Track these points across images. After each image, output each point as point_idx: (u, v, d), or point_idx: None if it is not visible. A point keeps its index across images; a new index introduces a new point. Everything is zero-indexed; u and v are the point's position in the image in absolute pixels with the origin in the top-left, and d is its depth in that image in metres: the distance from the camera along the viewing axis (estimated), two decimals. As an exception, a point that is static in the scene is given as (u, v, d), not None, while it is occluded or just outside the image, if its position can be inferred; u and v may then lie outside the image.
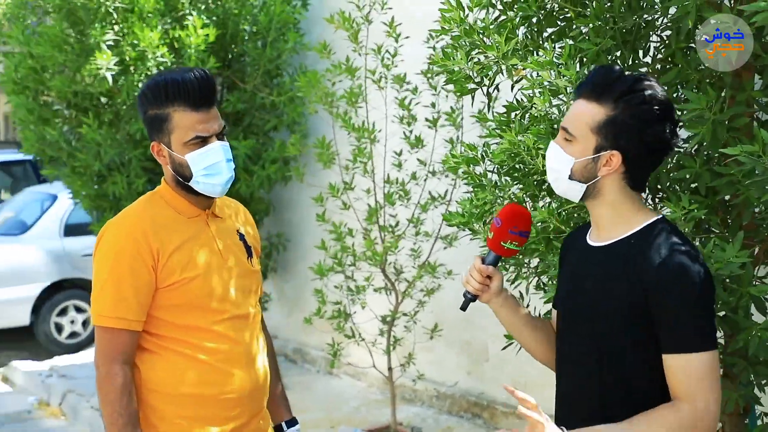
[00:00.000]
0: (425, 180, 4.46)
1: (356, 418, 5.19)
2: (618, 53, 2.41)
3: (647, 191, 2.48)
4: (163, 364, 2.13)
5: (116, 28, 5.22)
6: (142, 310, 2.09)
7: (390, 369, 4.48)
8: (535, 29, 2.57)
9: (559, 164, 1.85)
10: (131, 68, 5.16)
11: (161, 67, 5.04)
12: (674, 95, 2.30)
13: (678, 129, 1.86)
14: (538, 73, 2.30)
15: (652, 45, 2.49)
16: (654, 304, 1.73)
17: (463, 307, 2.08)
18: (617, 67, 1.85)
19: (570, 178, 1.84)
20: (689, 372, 1.70)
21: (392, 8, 4.36)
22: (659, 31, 2.45)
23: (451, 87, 2.71)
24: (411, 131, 4.43)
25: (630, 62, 2.42)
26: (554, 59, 2.26)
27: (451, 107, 4.20)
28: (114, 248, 2.10)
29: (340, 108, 4.49)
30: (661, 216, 1.86)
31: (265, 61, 5.60)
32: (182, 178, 2.15)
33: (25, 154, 6.03)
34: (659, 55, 2.47)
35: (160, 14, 5.25)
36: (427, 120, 4.31)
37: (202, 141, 2.11)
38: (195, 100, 2.09)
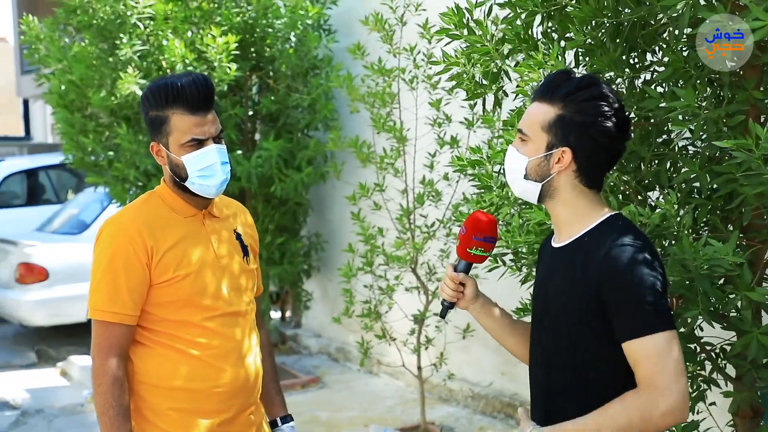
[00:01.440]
0: (457, 181, 4.48)
1: (390, 416, 5.23)
2: (614, 48, 2.39)
3: (653, 190, 2.48)
4: (156, 358, 2.22)
5: (143, 38, 5.36)
6: (136, 305, 2.18)
7: (419, 368, 4.51)
8: (540, 27, 2.58)
9: (515, 164, 1.90)
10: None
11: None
12: (672, 93, 2.28)
13: (629, 127, 1.87)
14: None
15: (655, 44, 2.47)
16: (605, 295, 1.74)
17: (442, 315, 2.12)
18: (571, 71, 1.90)
19: (525, 177, 1.88)
20: (645, 355, 1.70)
21: (426, 9, 4.40)
22: (659, 29, 2.43)
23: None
24: (444, 133, 4.46)
25: (629, 59, 2.41)
26: (543, 60, 2.26)
27: (486, 111, 4.19)
28: (110, 245, 2.19)
29: (379, 109, 4.55)
30: (616, 212, 1.88)
31: (294, 60, 5.67)
32: (179, 179, 2.24)
33: (68, 165, 6.27)
34: (661, 53, 2.45)
35: (184, 24, 5.36)
36: (465, 120, 4.32)
37: (198, 143, 2.18)
38: (192, 104, 2.16)
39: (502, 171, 2.70)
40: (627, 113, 1.87)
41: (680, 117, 2.10)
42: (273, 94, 5.80)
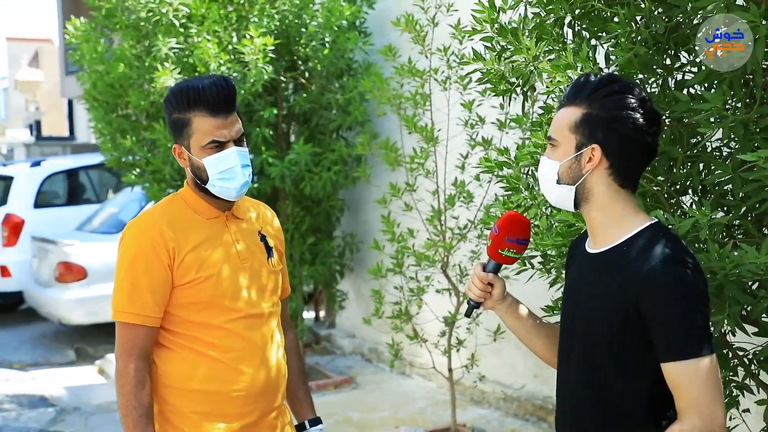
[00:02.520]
0: (489, 182, 4.45)
1: (421, 418, 5.22)
2: (652, 58, 2.37)
3: (686, 195, 2.43)
4: (177, 360, 2.23)
5: (180, 38, 5.40)
6: (159, 307, 2.19)
7: (450, 370, 4.49)
8: (570, 29, 2.55)
9: (547, 172, 1.89)
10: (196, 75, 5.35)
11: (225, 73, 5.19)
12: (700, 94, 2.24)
13: (658, 119, 1.84)
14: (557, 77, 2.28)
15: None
16: (645, 312, 1.71)
17: (468, 314, 2.12)
18: (591, 74, 1.88)
19: (558, 182, 1.86)
20: (690, 379, 1.68)
21: (458, 10, 4.37)
22: (693, 29, 2.39)
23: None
24: (476, 134, 4.43)
25: (661, 60, 2.37)
26: (573, 62, 2.24)
27: (516, 114, 4.15)
28: (132, 247, 2.20)
29: (407, 110, 4.54)
30: (655, 220, 1.84)
31: (328, 61, 5.68)
32: (200, 181, 2.24)
33: (106, 164, 6.34)
34: (692, 56, 2.40)
35: (222, 27, 5.39)
36: (498, 120, 4.29)
37: (219, 146, 2.19)
38: (214, 106, 2.17)
39: (530, 172, 2.69)
40: (654, 106, 1.84)
41: (710, 119, 2.07)
42: (306, 93, 5.82)
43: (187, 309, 2.21)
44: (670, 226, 2.08)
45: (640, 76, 2.39)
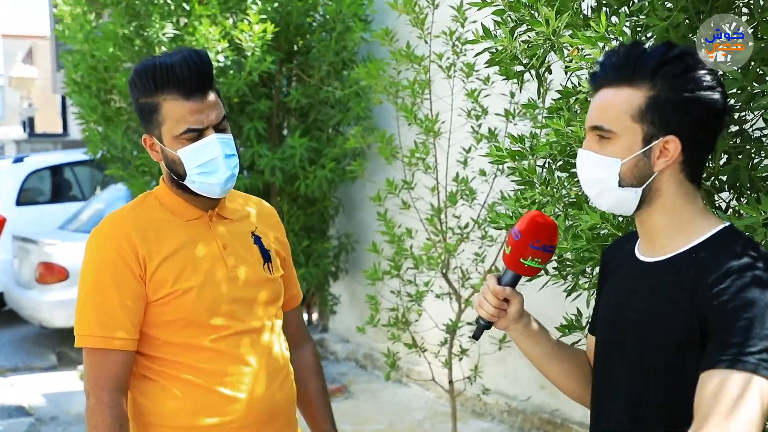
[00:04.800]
0: (494, 177, 4.10)
1: (419, 431, 4.88)
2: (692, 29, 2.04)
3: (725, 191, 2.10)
4: (159, 391, 1.89)
5: (175, 21, 5.07)
6: (134, 327, 1.84)
7: (451, 383, 4.14)
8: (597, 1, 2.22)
9: (601, 172, 1.52)
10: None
11: (221, 64, 4.86)
12: (758, 72, 1.91)
13: (728, 98, 1.53)
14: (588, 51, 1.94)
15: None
16: (714, 322, 1.39)
17: (476, 336, 1.75)
18: (642, 43, 1.54)
19: (620, 185, 1.50)
20: (719, 391, 1.33)
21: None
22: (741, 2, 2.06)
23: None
24: (480, 125, 4.09)
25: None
26: (607, 33, 1.90)
27: (529, 99, 3.83)
28: (97, 258, 1.86)
29: (405, 99, 4.19)
30: (728, 224, 1.52)
31: (331, 53, 5.35)
32: (177, 177, 1.90)
33: (89, 155, 5.95)
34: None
35: (219, 9, 5.06)
36: (505, 110, 3.94)
37: (197, 134, 1.85)
38: (186, 86, 1.82)
39: (546, 165, 2.36)
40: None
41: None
42: (304, 87, 5.48)
43: (165, 329, 1.86)
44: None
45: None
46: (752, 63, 1.90)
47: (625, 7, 2.05)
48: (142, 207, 1.94)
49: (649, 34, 2.05)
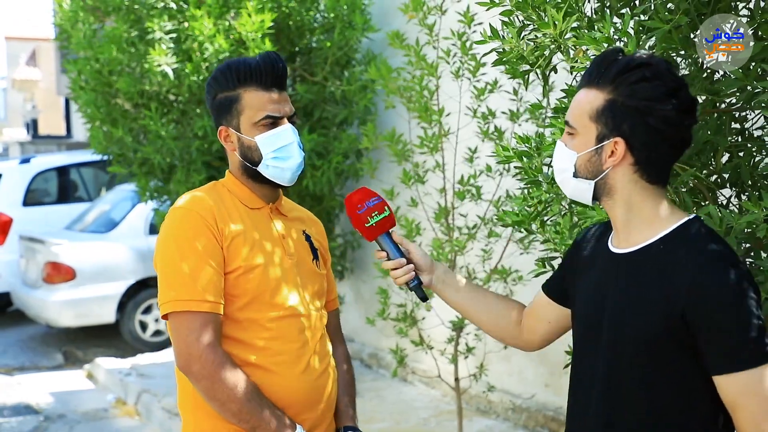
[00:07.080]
0: (500, 175, 4.15)
1: (425, 429, 4.92)
2: (693, 31, 2.09)
3: (725, 188, 2.14)
4: None
5: (175, 20, 5.10)
6: (222, 293, 1.95)
7: (457, 380, 4.18)
8: (600, 3, 2.27)
9: (563, 162, 1.67)
10: (192, 59, 5.03)
11: (220, 58, 4.88)
12: (758, 72, 1.95)
13: (694, 110, 1.59)
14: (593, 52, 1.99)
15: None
16: (694, 319, 1.49)
17: (423, 298, 2.02)
18: (621, 50, 1.63)
19: (575, 175, 1.64)
20: (748, 392, 1.47)
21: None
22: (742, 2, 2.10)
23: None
24: (486, 126, 4.13)
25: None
26: (612, 35, 1.95)
27: (536, 99, 3.87)
28: (184, 226, 1.95)
29: (413, 97, 4.24)
30: (693, 216, 1.61)
31: (333, 49, 5.39)
32: (250, 164, 2.05)
33: (94, 153, 5.99)
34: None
35: (218, 5, 5.10)
36: (510, 111, 3.99)
37: (273, 122, 2.03)
38: (266, 80, 2.02)
39: (551, 165, 2.41)
40: (690, 94, 1.60)
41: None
42: (308, 86, 5.52)
43: (231, 303, 1.96)
44: (727, 222, 1.81)
45: (680, 53, 2.10)
46: (753, 63, 1.94)
47: (627, 9, 2.10)
48: (215, 191, 2.08)
49: (651, 36, 2.10)
